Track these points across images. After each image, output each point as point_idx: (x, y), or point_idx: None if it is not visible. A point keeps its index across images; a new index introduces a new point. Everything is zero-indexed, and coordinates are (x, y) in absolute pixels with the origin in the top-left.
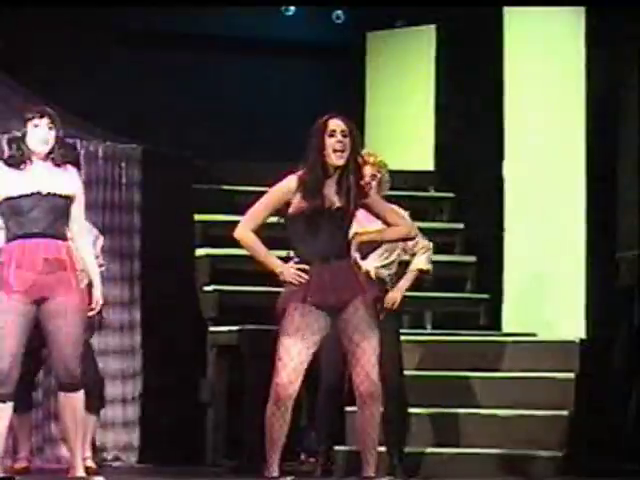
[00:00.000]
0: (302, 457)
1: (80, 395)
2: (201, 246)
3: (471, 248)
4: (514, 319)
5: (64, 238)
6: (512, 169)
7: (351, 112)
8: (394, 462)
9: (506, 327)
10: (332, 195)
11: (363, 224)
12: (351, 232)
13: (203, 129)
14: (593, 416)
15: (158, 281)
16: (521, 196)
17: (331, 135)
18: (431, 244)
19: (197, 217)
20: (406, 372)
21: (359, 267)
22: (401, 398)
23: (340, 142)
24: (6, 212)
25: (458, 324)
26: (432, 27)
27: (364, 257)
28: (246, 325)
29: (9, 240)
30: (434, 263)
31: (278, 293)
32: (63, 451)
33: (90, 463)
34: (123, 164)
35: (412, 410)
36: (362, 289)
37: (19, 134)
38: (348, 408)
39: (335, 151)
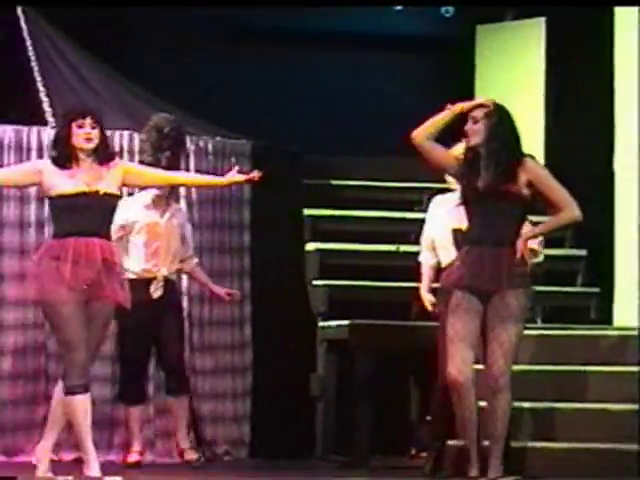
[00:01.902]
0: (412, 452)
1: (88, 395)
2: (310, 241)
3: (582, 241)
4: (625, 313)
5: (110, 238)
6: (623, 161)
7: None
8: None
9: (617, 321)
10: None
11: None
12: (449, 227)
13: (313, 124)
14: None
15: (268, 276)
16: (632, 188)
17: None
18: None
19: (306, 212)
20: (517, 366)
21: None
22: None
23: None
24: (58, 208)
25: (569, 318)
26: (542, 20)
27: None
28: (355, 319)
29: (60, 236)
30: (545, 257)
31: (386, 287)
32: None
33: (192, 454)
34: (233, 159)
35: (523, 405)
36: (511, 280)
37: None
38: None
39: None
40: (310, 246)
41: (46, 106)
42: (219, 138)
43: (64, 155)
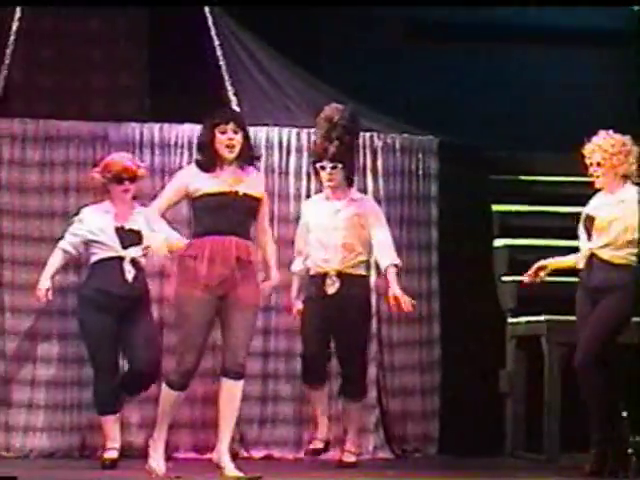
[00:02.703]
0: None
1: (241, 384)
2: (499, 237)
3: None
4: None
5: (250, 237)
6: None
7: None
8: None
9: None
10: None
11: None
12: None
13: (500, 119)
14: None
15: (456, 272)
16: None
17: None
18: None
19: (495, 208)
20: None
21: None
22: None
23: None
24: (199, 208)
25: None
26: None
27: None
28: (545, 315)
29: (200, 235)
30: None
31: (576, 283)
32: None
33: (350, 457)
34: (420, 156)
35: None
36: None
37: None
38: None
39: None
40: (498, 242)
41: (234, 104)
42: (406, 135)
43: (207, 160)
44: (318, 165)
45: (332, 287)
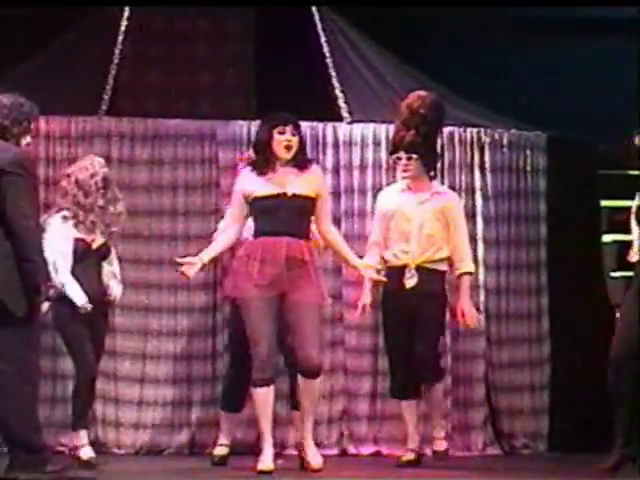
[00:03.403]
0: None
1: (318, 382)
2: (608, 232)
3: None
4: None
5: (306, 237)
6: None
7: None
8: None
9: None
10: None
11: None
12: None
13: (610, 115)
14: None
15: (564, 268)
16: None
17: None
18: None
19: (603, 203)
20: None
21: None
22: None
23: None
24: (255, 211)
25: None
26: None
27: None
28: None
29: (255, 236)
30: None
31: None
32: (472, 438)
33: (442, 445)
34: (528, 151)
35: None
36: None
37: None
38: None
39: None
40: (607, 238)
41: (341, 102)
42: (514, 130)
43: (263, 160)
44: (394, 156)
45: (411, 280)
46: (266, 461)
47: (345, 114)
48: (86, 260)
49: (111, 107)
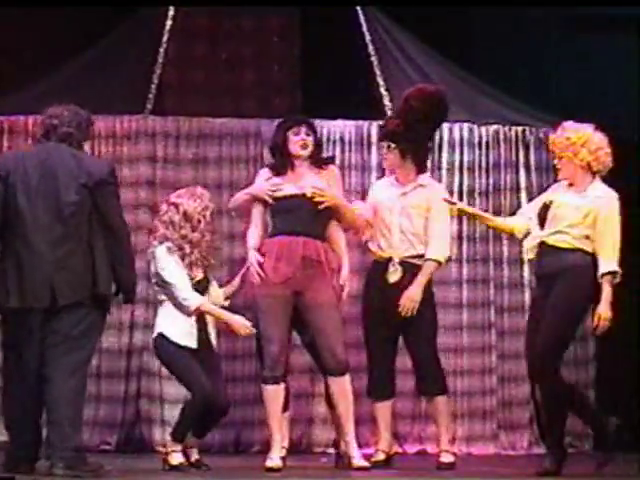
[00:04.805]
0: None
1: (347, 378)
2: None
3: None
4: None
5: (322, 237)
6: None
7: None
8: None
9: None
10: None
11: None
12: None
13: None
14: None
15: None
16: None
17: None
18: None
19: None
20: None
21: None
22: None
23: None
24: (272, 211)
25: None
26: None
27: None
28: None
29: (272, 236)
30: None
31: None
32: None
33: (447, 457)
34: None
35: None
36: None
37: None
38: None
39: None
40: None
41: (386, 100)
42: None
43: (281, 162)
44: (382, 144)
45: (394, 275)
46: (274, 458)
47: (390, 112)
48: None
49: (156, 106)
